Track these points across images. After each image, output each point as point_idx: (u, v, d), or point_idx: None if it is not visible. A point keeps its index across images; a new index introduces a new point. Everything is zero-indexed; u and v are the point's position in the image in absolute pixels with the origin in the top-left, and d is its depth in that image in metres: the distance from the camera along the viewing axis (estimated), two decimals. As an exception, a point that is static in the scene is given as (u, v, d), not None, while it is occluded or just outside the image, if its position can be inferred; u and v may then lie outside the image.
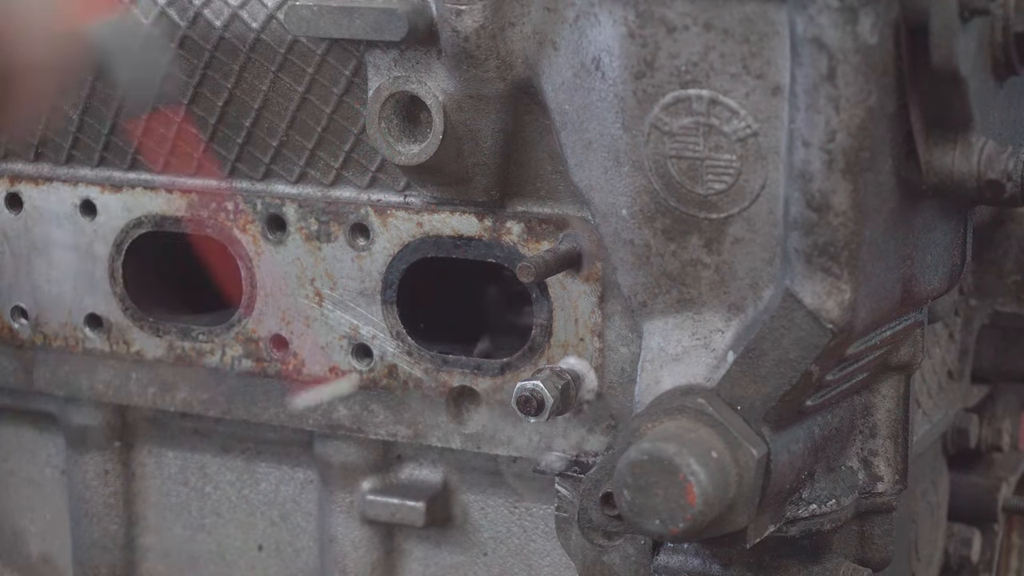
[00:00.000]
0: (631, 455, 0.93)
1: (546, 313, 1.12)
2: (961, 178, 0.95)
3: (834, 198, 0.92)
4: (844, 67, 0.89)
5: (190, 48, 1.14)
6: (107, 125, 1.19)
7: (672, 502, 0.92)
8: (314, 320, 1.18)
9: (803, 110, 0.91)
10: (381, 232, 1.14)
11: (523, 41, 1.03)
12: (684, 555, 1.07)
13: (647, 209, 1.00)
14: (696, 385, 0.99)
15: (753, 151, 0.95)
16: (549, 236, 1.10)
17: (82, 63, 1.12)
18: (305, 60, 1.11)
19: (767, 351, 0.97)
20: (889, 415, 1.09)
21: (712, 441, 0.95)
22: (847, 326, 0.95)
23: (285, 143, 1.15)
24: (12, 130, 1.16)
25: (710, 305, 1.00)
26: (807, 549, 1.08)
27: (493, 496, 1.20)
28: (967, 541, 1.43)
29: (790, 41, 0.91)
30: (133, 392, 1.26)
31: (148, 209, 1.21)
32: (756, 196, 0.97)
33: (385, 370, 1.17)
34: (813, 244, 0.93)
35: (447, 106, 1.06)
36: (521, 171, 1.10)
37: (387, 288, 1.15)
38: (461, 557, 1.22)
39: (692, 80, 0.96)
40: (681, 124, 0.97)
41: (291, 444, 1.25)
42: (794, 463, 1.01)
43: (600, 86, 0.99)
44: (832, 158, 0.91)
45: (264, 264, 1.18)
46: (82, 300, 1.25)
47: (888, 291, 0.98)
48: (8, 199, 1.25)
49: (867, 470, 1.09)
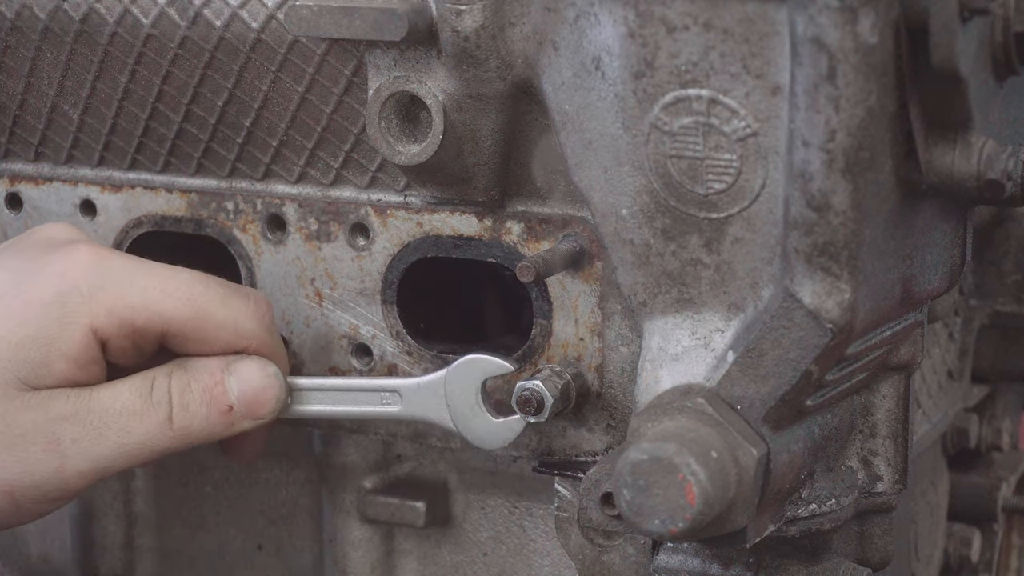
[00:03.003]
0: (631, 455, 0.93)
1: (546, 313, 1.12)
2: (961, 178, 0.95)
3: (834, 198, 0.92)
4: (844, 67, 0.89)
5: (190, 48, 1.14)
6: (107, 125, 1.19)
7: (672, 502, 0.92)
8: (314, 320, 1.18)
9: (803, 110, 0.91)
10: (381, 232, 1.14)
11: (523, 41, 1.03)
12: (684, 555, 1.07)
13: (647, 209, 1.00)
14: (696, 385, 0.99)
15: (753, 151, 0.95)
16: (549, 236, 1.10)
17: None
18: (305, 60, 1.11)
19: (767, 351, 0.97)
20: (889, 415, 1.09)
21: (712, 441, 0.95)
22: (847, 326, 0.95)
23: (285, 143, 1.15)
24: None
25: (710, 305, 1.00)
26: (807, 549, 1.08)
27: (493, 496, 1.20)
28: (967, 541, 1.43)
29: (790, 41, 0.91)
30: (133, 392, 1.26)
31: (148, 209, 1.21)
32: (756, 196, 0.97)
33: (385, 370, 1.17)
34: (813, 244, 0.93)
35: (447, 106, 1.06)
36: (521, 171, 1.10)
37: (387, 288, 1.15)
38: (461, 557, 1.22)
39: (692, 80, 0.96)
40: (681, 124, 0.97)
41: (291, 444, 1.25)
42: (794, 463, 1.01)
43: (600, 86, 0.99)
44: (832, 158, 0.91)
45: (264, 264, 1.19)
46: (82, 300, 1.25)
47: (888, 291, 0.98)
48: (8, 199, 1.25)
49: (867, 470, 1.10)
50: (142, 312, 1.09)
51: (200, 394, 1.11)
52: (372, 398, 1.13)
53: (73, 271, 1.09)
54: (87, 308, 1.08)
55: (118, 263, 1.11)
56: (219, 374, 1.12)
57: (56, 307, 1.08)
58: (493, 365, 1.10)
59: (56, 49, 1.18)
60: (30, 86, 1.20)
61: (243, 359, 1.13)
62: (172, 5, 1.14)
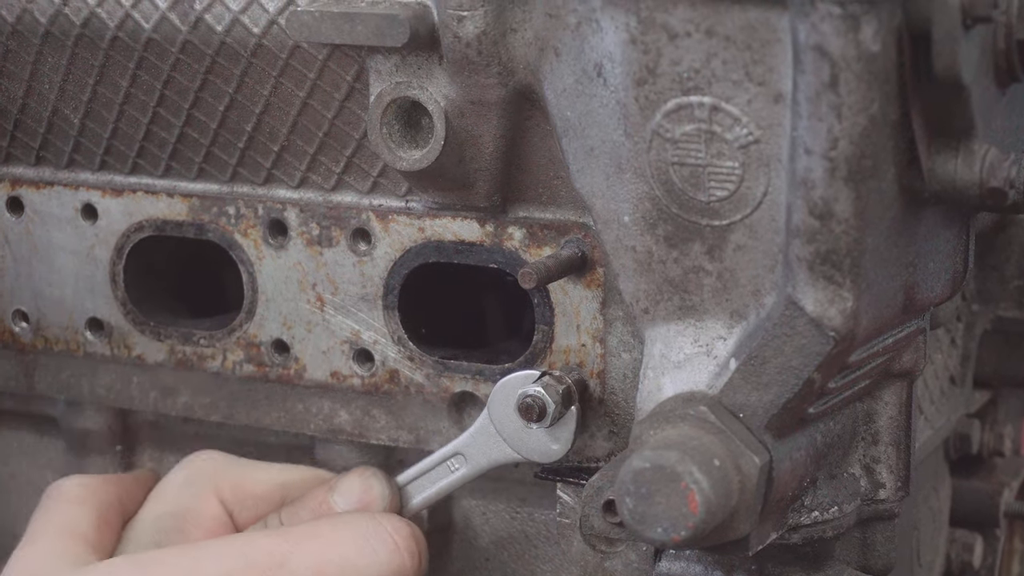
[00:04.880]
0: (633, 462, 0.93)
1: (547, 319, 1.11)
2: (964, 186, 0.94)
3: (836, 206, 0.91)
4: (846, 75, 0.89)
5: (192, 53, 1.14)
6: (108, 129, 1.19)
7: (674, 510, 0.92)
8: (315, 325, 1.18)
9: (805, 117, 0.91)
10: (382, 237, 1.14)
11: (525, 47, 1.03)
12: (686, 562, 1.07)
13: (649, 216, 1.00)
14: (698, 392, 0.99)
15: (755, 158, 0.95)
16: (551, 241, 1.10)
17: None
18: (307, 65, 1.11)
19: (769, 358, 0.96)
20: (891, 422, 1.09)
21: (714, 449, 0.95)
22: (849, 334, 0.94)
23: (286, 148, 1.15)
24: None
25: (712, 312, 1.00)
26: (809, 556, 1.08)
27: (494, 501, 1.20)
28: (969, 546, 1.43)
29: (792, 48, 0.91)
30: (134, 396, 1.26)
31: (149, 213, 1.21)
32: (758, 203, 0.96)
33: (387, 375, 1.17)
34: (815, 252, 0.93)
35: (449, 111, 1.06)
36: (523, 176, 1.10)
37: (388, 293, 1.15)
38: (463, 562, 1.22)
39: (694, 87, 0.96)
40: (683, 131, 0.97)
41: (293, 449, 1.25)
42: (796, 470, 1.01)
43: (602, 92, 0.99)
44: (834, 166, 0.91)
45: (265, 269, 1.18)
46: (83, 304, 1.25)
47: (890, 298, 0.98)
48: (9, 203, 1.25)
49: (869, 477, 1.09)
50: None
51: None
52: (443, 471, 1.16)
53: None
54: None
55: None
56: (322, 496, 1.16)
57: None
58: (520, 379, 1.10)
59: (57, 53, 1.18)
60: (31, 90, 1.20)
61: (344, 475, 1.17)
62: (173, 10, 1.13)
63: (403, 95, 1.07)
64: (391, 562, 1.10)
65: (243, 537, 1.12)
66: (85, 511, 1.16)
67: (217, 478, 1.18)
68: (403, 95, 1.07)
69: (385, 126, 1.08)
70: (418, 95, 1.06)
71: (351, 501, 1.15)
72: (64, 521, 1.15)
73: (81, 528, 1.15)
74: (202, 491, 1.17)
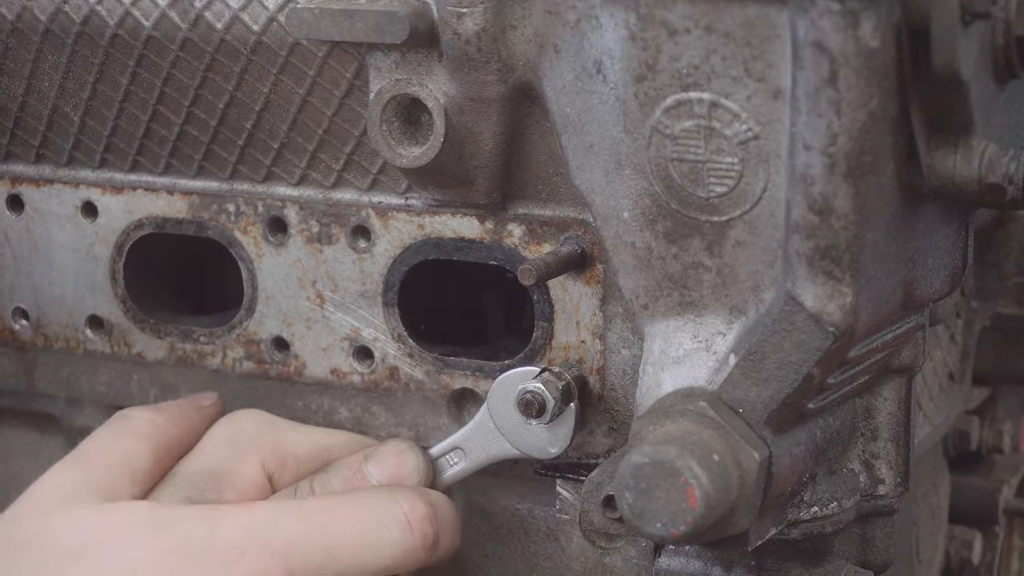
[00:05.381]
0: (633, 458, 0.93)
1: (547, 315, 1.12)
2: (962, 182, 0.95)
3: (836, 201, 0.91)
4: (846, 71, 0.89)
5: (191, 50, 1.14)
6: (108, 127, 1.19)
7: (673, 505, 0.92)
8: (315, 322, 1.18)
9: (804, 113, 0.91)
10: (382, 234, 1.14)
11: (524, 44, 1.03)
12: (686, 557, 1.07)
13: (648, 212, 1.00)
14: (698, 388, 0.99)
15: (754, 154, 0.95)
16: (550, 238, 1.10)
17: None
18: (306, 62, 1.11)
19: (769, 354, 0.97)
20: (891, 418, 1.09)
21: (714, 444, 0.95)
22: (849, 329, 0.95)
23: (286, 145, 1.15)
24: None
25: (711, 308, 1.00)
26: (808, 552, 1.08)
27: (495, 498, 1.20)
28: (968, 543, 1.43)
29: (791, 44, 0.91)
30: (134, 394, 1.26)
31: (149, 211, 1.21)
32: (757, 199, 0.96)
33: (386, 372, 1.17)
34: (815, 247, 0.93)
35: (448, 109, 1.06)
36: (522, 173, 1.10)
37: (388, 290, 1.15)
38: (462, 559, 1.22)
39: (693, 83, 0.96)
40: (682, 127, 0.97)
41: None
42: (796, 466, 1.01)
43: (601, 89, 0.99)
44: (834, 162, 0.91)
45: (265, 266, 1.19)
46: (83, 302, 1.25)
47: (890, 294, 0.98)
48: (9, 200, 1.25)
49: (868, 472, 1.09)
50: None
51: (343, 489, 1.15)
52: (442, 465, 1.16)
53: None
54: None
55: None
56: (357, 464, 1.16)
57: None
58: (519, 375, 1.10)
59: (57, 51, 1.18)
60: (31, 88, 1.20)
61: (380, 446, 1.17)
62: (173, 7, 1.13)
63: (403, 92, 1.07)
64: (403, 541, 1.10)
65: (263, 509, 1.11)
66: (144, 448, 1.14)
67: (259, 439, 1.16)
68: (403, 92, 1.07)
69: (385, 123, 1.08)
70: (418, 92, 1.06)
71: (384, 473, 1.15)
72: (119, 451, 1.14)
73: (133, 462, 1.13)
74: (243, 451, 1.15)
